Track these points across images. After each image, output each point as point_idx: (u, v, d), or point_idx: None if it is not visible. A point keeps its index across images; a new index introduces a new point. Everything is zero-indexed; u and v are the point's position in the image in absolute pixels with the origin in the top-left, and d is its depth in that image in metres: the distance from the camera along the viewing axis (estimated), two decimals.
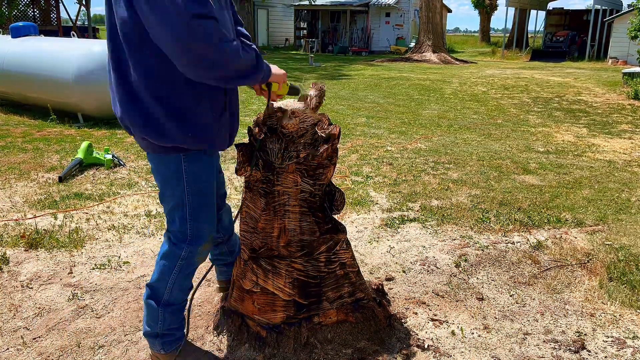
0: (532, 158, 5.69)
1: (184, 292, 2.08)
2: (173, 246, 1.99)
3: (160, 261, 2.02)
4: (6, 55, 7.59)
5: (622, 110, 9.34)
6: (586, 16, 26.89)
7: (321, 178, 2.11)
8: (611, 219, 3.83)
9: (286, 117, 2.05)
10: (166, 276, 2.00)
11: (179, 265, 1.99)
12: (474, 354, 2.26)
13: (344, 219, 3.76)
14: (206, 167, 1.95)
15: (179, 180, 1.90)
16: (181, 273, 2.01)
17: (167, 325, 2.06)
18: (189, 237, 1.97)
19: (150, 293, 2.04)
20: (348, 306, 2.28)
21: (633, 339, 2.38)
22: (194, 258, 2.01)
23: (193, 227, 1.96)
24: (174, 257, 1.98)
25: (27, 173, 4.76)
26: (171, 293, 2.03)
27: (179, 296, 2.06)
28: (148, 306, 2.05)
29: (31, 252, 3.17)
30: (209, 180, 1.98)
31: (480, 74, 16.42)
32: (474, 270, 3.03)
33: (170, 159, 1.88)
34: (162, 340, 2.08)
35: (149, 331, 2.08)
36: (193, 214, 1.95)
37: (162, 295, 2.02)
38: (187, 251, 1.98)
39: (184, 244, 1.97)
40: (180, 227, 1.96)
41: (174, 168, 1.89)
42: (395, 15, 28.02)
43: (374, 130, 7.18)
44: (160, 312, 2.03)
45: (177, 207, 1.94)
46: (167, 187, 1.94)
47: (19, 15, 19.61)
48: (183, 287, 2.06)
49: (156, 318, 2.04)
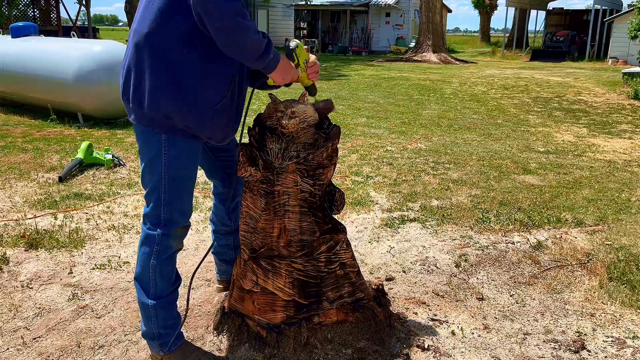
0: (532, 158, 5.69)
1: (168, 282, 2.07)
2: (148, 231, 2.01)
3: (140, 249, 2.04)
4: (6, 55, 7.59)
5: (622, 110, 9.34)
6: (586, 16, 26.91)
7: (321, 178, 2.11)
8: (611, 219, 3.83)
9: (286, 117, 2.05)
10: (146, 264, 2.01)
11: (155, 250, 2.00)
12: (474, 354, 2.26)
13: (344, 219, 3.76)
14: (187, 153, 1.96)
15: (158, 162, 1.93)
16: (159, 258, 2.00)
17: (161, 323, 2.05)
18: (162, 221, 1.99)
19: (139, 288, 2.05)
20: (348, 306, 2.28)
21: (633, 338, 2.38)
22: (169, 242, 2.01)
23: (166, 211, 1.98)
24: (149, 242, 2.00)
25: (27, 173, 4.76)
26: (155, 283, 2.03)
27: (164, 287, 2.05)
28: (140, 305, 2.06)
29: (31, 252, 3.17)
30: (188, 167, 1.99)
31: (480, 74, 16.42)
32: (474, 270, 3.03)
33: (153, 139, 1.91)
34: (159, 342, 2.08)
35: (146, 331, 2.08)
36: (167, 198, 1.97)
37: (149, 289, 2.03)
38: (161, 235, 1.99)
39: (158, 228, 1.99)
40: (155, 211, 1.99)
41: (154, 150, 1.92)
42: (395, 15, 28.02)
43: (374, 130, 7.18)
44: (152, 308, 2.03)
45: (154, 190, 1.97)
46: (147, 170, 1.97)
47: (19, 15, 19.62)
48: (165, 276, 2.05)
49: (149, 315, 2.05)
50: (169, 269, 2.06)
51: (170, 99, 1.82)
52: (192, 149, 1.98)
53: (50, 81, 6.98)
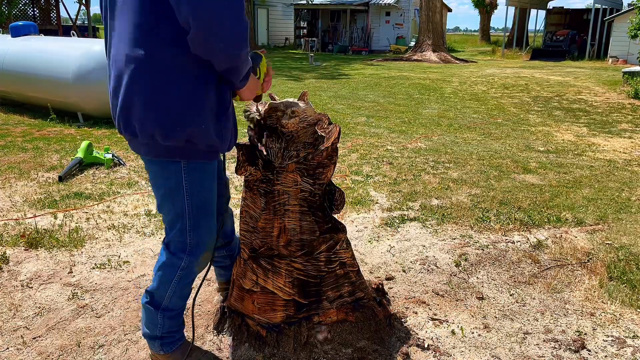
0: (532, 157, 5.69)
1: (183, 299, 2.06)
2: (172, 256, 1.95)
3: (159, 271, 1.99)
4: (6, 54, 7.58)
5: (622, 110, 9.33)
6: (586, 15, 26.89)
7: (321, 177, 2.11)
8: (611, 218, 3.83)
9: (286, 116, 2.05)
10: (166, 285, 1.97)
11: (179, 275, 1.96)
12: (474, 354, 2.26)
13: (344, 218, 3.75)
14: (207, 176, 1.90)
15: (179, 191, 1.85)
16: (181, 282, 1.98)
17: (166, 329, 2.05)
18: (188, 247, 1.94)
19: (149, 299, 2.02)
20: (348, 305, 2.28)
21: (633, 338, 2.38)
22: (194, 268, 1.98)
23: (193, 237, 1.93)
24: (173, 267, 1.95)
25: (27, 172, 4.76)
26: (170, 300, 2.01)
27: (178, 303, 2.05)
28: (146, 310, 2.03)
29: (31, 251, 3.17)
30: (209, 189, 1.93)
31: (480, 73, 16.41)
32: (474, 270, 3.03)
33: (171, 168, 1.82)
34: (161, 342, 2.07)
35: (148, 333, 2.07)
36: (193, 224, 1.91)
37: (162, 301, 2.00)
38: (187, 261, 1.95)
39: (184, 254, 1.94)
40: (180, 237, 1.93)
41: (174, 179, 1.84)
42: (395, 14, 28.00)
43: (374, 129, 7.18)
44: (160, 316, 2.02)
45: (177, 217, 1.90)
46: (167, 199, 1.89)
47: (19, 15, 19.61)
48: (182, 295, 2.04)
49: (155, 322, 2.03)
50: (188, 290, 2.05)
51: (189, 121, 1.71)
52: (211, 169, 1.92)
53: (50, 81, 6.97)
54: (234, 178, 4.66)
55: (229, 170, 4.60)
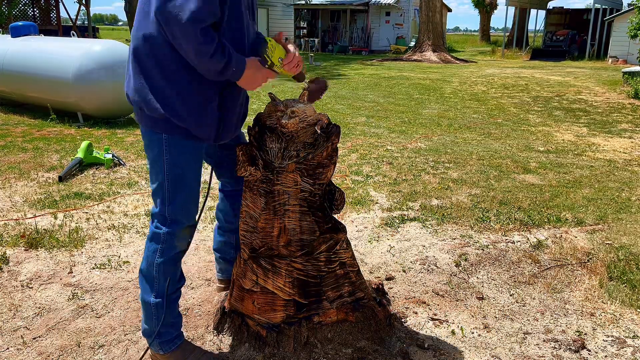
0: (532, 157, 5.69)
1: (172, 281, 2.08)
2: (155, 228, 2.04)
3: (147, 245, 2.06)
4: (6, 54, 7.58)
5: (622, 110, 9.33)
6: (586, 15, 26.87)
7: (321, 177, 2.11)
8: (611, 218, 3.83)
9: (285, 116, 2.05)
10: (152, 261, 2.03)
11: (161, 248, 2.02)
12: (474, 354, 2.26)
13: (344, 219, 3.76)
14: (187, 153, 1.97)
15: (160, 163, 1.96)
16: (164, 257, 2.02)
17: (161, 322, 2.06)
18: (168, 220, 2.01)
19: (143, 284, 2.07)
20: (348, 305, 2.28)
21: (633, 338, 2.38)
22: (174, 242, 2.03)
23: (169, 211, 2.00)
24: (156, 240, 2.03)
25: (27, 173, 4.76)
26: (159, 281, 2.04)
27: (168, 286, 2.06)
28: (142, 302, 2.08)
29: (31, 251, 3.17)
30: (188, 167, 1.99)
31: (480, 73, 16.41)
32: (474, 270, 3.03)
33: (154, 138, 1.94)
34: (159, 340, 2.08)
35: (147, 329, 2.09)
36: (170, 198, 1.99)
37: (152, 286, 2.05)
38: (166, 233, 2.01)
39: (164, 227, 2.02)
40: (160, 210, 2.02)
41: (156, 150, 1.95)
42: (395, 14, 28.00)
43: (374, 129, 7.18)
44: (153, 306, 2.05)
45: (158, 189, 2.00)
46: (152, 170, 2.01)
47: (19, 15, 19.61)
48: (169, 274, 2.06)
49: (151, 313, 2.06)
50: (172, 268, 2.08)
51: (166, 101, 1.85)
52: (193, 149, 1.98)
53: (50, 81, 6.97)
54: None
55: None
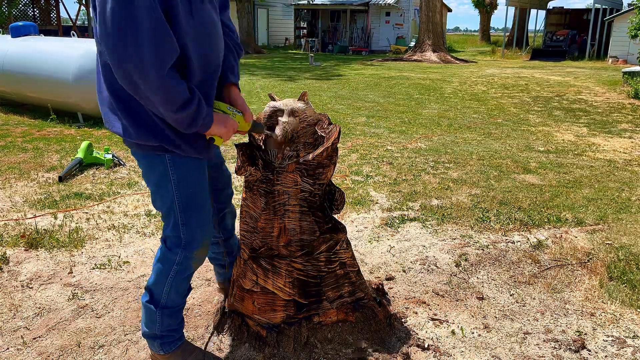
0: (532, 157, 5.69)
1: (182, 295, 2.06)
2: (168, 251, 1.95)
3: (157, 264, 1.99)
4: (6, 55, 7.59)
5: (622, 110, 9.33)
6: (586, 15, 26.88)
7: (321, 177, 2.11)
8: (611, 218, 3.83)
9: (285, 116, 2.05)
10: (162, 279, 1.97)
11: (175, 269, 1.96)
12: (474, 354, 2.26)
13: (344, 219, 3.76)
14: (194, 169, 1.89)
15: (167, 184, 1.85)
16: (177, 277, 1.97)
17: (165, 327, 2.04)
18: (182, 242, 1.93)
19: (148, 297, 2.02)
20: (348, 306, 2.28)
21: (633, 338, 2.38)
22: (190, 262, 1.97)
23: (185, 232, 1.92)
24: (169, 262, 1.95)
25: (27, 173, 4.76)
26: (169, 297, 2.00)
27: (177, 300, 2.04)
28: (146, 308, 2.03)
29: (31, 252, 3.17)
30: (198, 183, 1.91)
31: (480, 73, 16.41)
32: (474, 270, 3.03)
33: (156, 161, 1.83)
34: (160, 342, 2.07)
35: (147, 332, 2.07)
36: (184, 218, 1.90)
37: (160, 299, 2.00)
38: (182, 256, 1.94)
39: (179, 249, 1.94)
40: (174, 232, 1.93)
41: (161, 171, 1.84)
42: (395, 14, 28.00)
43: (374, 129, 7.18)
44: (158, 315, 2.01)
45: (169, 212, 1.91)
46: (157, 192, 1.90)
47: (19, 15, 19.63)
48: (180, 291, 2.03)
49: (154, 320, 2.02)
50: (185, 285, 2.05)
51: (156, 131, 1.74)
52: (198, 164, 1.90)
53: (50, 81, 6.97)
54: (235, 178, 4.66)
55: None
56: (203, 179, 1.95)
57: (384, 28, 28.32)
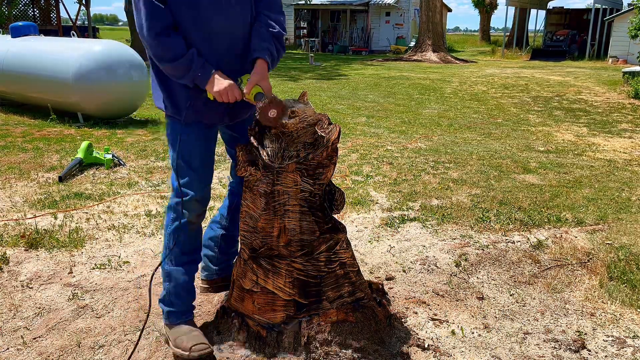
0: (532, 157, 5.69)
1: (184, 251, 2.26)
2: (170, 200, 2.27)
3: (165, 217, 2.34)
4: (6, 55, 7.58)
5: (623, 110, 9.33)
6: (586, 15, 26.87)
7: (321, 177, 2.11)
8: (611, 218, 3.82)
9: (286, 116, 2.05)
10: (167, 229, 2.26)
11: (173, 217, 2.23)
12: (474, 354, 2.26)
13: (344, 219, 3.76)
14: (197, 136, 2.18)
15: (173, 145, 2.19)
16: (174, 224, 2.22)
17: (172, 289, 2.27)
18: (178, 192, 2.20)
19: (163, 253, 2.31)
20: (348, 306, 2.27)
21: (633, 338, 2.38)
22: (181, 210, 2.20)
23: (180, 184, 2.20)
24: (170, 209, 2.26)
25: (27, 173, 4.76)
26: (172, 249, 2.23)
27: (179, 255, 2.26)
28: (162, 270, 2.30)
29: (31, 252, 3.17)
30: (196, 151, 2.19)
31: (481, 73, 16.41)
32: (474, 270, 3.03)
33: (175, 126, 2.18)
34: (168, 309, 2.28)
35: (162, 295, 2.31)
36: (180, 174, 2.20)
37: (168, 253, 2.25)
38: (175, 201, 2.22)
39: (177, 197, 2.22)
40: (174, 184, 2.23)
41: (174, 134, 2.19)
42: (395, 14, 28.00)
43: (374, 129, 7.18)
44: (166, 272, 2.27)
45: (174, 166, 2.22)
46: (170, 151, 2.25)
47: (19, 15, 19.62)
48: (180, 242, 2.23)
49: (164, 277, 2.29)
50: (183, 238, 2.24)
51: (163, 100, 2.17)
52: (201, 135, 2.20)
53: (50, 81, 6.97)
54: None
55: (228, 170, 4.61)
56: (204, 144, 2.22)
57: (384, 28, 28.32)
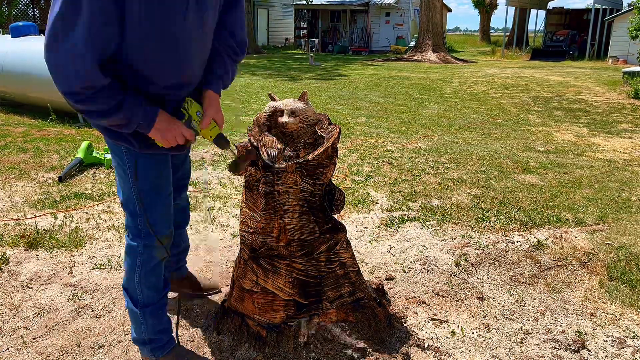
0: (532, 157, 5.69)
1: (156, 290, 2.03)
2: (130, 242, 1.96)
3: (125, 259, 2.01)
4: (6, 55, 7.58)
5: (622, 110, 9.33)
6: (586, 15, 26.88)
7: (321, 177, 2.11)
8: (611, 219, 3.82)
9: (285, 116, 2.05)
10: (132, 274, 1.98)
11: (139, 261, 1.95)
12: (474, 354, 2.26)
13: (344, 219, 3.76)
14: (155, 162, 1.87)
15: (125, 173, 1.85)
16: (143, 269, 1.96)
17: (151, 329, 2.04)
18: (142, 233, 1.92)
19: (128, 298, 2.03)
20: (348, 306, 2.28)
21: (633, 338, 2.38)
22: (152, 252, 1.95)
23: (143, 222, 1.90)
24: (134, 253, 1.96)
25: (27, 173, 4.76)
26: (142, 292, 1.99)
27: (151, 295, 2.02)
28: (130, 312, 2.04)
29: (31, 252, 3.17)
30: (156, 176, 1.89)
31: (481, 73, 16.41)
32: (474, 270, 3.03)
33: (117, 150, 1.84)
34: (150, 347, 2.07)
35: (137, 338, 2.08)
36: (142, 209, 1.88)
37: (137, 297, 2.00)
38: (142, 245, 1.93)
39: (139, 239, 1.94)
40: (132, 222, 1.92)
41: (121, 160, 1.85)
42: (395, 14, 28.00)
43: (374, 129, 7.18)
44: (140, 315, 2.01)
45: (128, 201, 1.90)
46: (118, 180, 1.91)
47: (19, 15, 19.63)
48: (151, 285, 2.01)
49: (139, 322, 2.03)
50: (154, 279, 2.02)
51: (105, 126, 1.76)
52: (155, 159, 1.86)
53: (50, 81, 6.88)
54: (234, 178, 4.66)
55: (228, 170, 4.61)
56: (162, 171, 1.91)
57: (384, 28, 28.32)
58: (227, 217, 3.78)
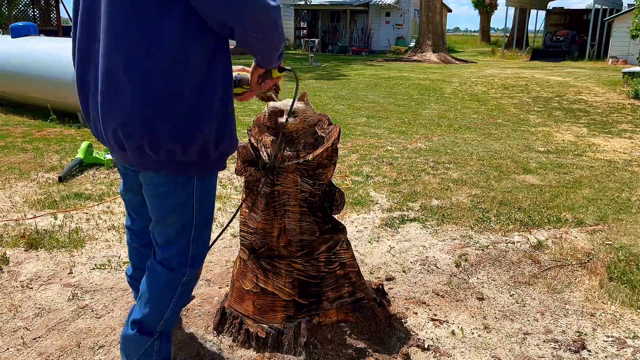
0: (532, 158, 5.69)
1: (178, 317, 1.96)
2: (171, 272, 1.78)
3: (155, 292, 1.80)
4: (6, 55, 7.59)
5: (622, 110, 9.33)
6: (586, 16, 26.87)
7: (321, 178, 2.11)
8: (611, 219, 3.83)
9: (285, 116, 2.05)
10: (163, 307, 1.80)
11: (179, 292, 1.81)
12: (474, 354, 2.26)
13: (344, 219, 3.76)
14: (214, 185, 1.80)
15: (189, 206, 1.72)
16: (181, 300, 1.84)
17: (161, 357, 1.88)
18: (189, 260, 1.80)
19: (138, 329, 1.81)
20: (348, 306, 2.28)
21: (633, 338, 2.38)
22: (193, 281, 1.85)
23: (195, 248, 1.80)
24: (173, 285, 1.80)
25: (27, 173, 4.76)
26: (167, 322, 1.84)
27: (174, 322, 1.90)
28: (136, 340, 1.82)
29: (31, 252, 3.17)
30: (214, 197, 1.82)
31: (480, 73, 16.41)
32: (474, 270, 3.03)
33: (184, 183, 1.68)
34: None
35: None
36: (197, 234, 1.78)
37: (156, 327, 1.82)
38: (189, 274, 1.81)
39: (185, 268, 1.79)
40: (184, 251, 1.78)
41: (184, 195, 1.70)
42: (395, 15, 28.01)
43: (374, 130, 7.18)
44: (156, 344, 1.84)
45: (184, 229, 1.75)
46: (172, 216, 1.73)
47: (19, 15, 19.62)
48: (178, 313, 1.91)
49: (149, 353, 1.84)
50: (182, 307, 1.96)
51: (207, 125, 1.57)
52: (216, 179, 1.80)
53: (50, 81, 6.97)
54: (234, 178, 4.66)
55: (228, 171, 4.61)
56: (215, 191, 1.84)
57: (384, 28, 28.32)
58: (227, 217, 3.78)
